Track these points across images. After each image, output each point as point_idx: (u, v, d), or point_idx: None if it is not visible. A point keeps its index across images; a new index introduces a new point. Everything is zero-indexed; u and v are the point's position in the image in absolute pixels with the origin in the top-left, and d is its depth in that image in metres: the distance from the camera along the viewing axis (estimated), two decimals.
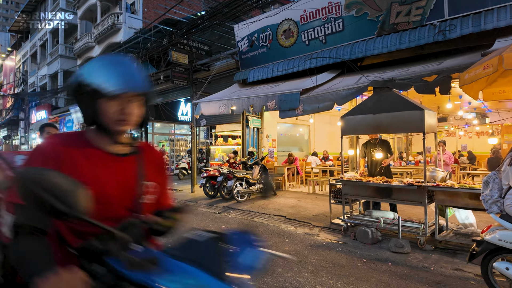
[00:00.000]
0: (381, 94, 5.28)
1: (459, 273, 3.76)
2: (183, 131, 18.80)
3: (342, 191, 5.50)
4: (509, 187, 2.93)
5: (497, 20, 5.74)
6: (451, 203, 4.45)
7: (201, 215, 7.10)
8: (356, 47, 7.54)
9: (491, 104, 11.23)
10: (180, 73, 10.76)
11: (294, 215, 6.74)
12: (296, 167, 10.93)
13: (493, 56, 3.59)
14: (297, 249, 4.67)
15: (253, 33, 9.85)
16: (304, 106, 6.69)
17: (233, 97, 8.30)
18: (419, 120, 4.70)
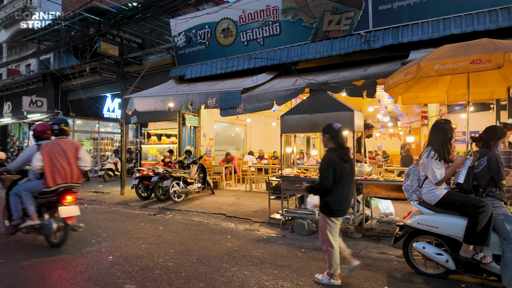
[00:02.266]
0: (316, 96, 5.65)
1: (384, 256, 4.24)
2: (108, 129, 17.47)
3: (281, 187, 5.73)
4: (426, 178, 3.41)
5: (411, 34, 6.61)
6: (376, 195, 4.98)
7: (134, 218, 6.69)
8: (292, 51, 7.93)
9: (403, 109, 12.85)
10: (109, 65, 10.00)
11: (234, 213, 6.79)
12: (234, 166, 11.01)
13: (412, 65, 4.12)
14: (239, 244, 4.72)
15: (190, 29, 9.64)
16: (245, 105, 6.79)
17: (171, 93, 8.00)
18: (350, 120, 5.16)
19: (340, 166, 3.18)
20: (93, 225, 6.02)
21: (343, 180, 3.20)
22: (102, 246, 4.61)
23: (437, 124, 3.50)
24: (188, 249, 4.50)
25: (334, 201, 3.20)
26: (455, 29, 6.24)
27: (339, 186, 3.17)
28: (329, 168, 3.14)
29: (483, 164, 3.07)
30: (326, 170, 3.14)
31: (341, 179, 3.17)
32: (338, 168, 3.15)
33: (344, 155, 3.27)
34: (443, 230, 3.26)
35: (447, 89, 5.46)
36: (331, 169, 3.14)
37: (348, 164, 3.32)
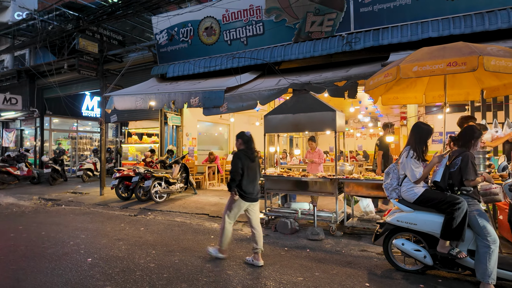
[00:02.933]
0: (299, 96, 5.71)
1: (365, 253, 4.32)
2: (87, 128, 17.00)
3: (265, 186, 5.74)
4: (405, 176, 3.50)
5: (391, 37, 6.77)
6: (357, 193, 5.08)
7: (114, 219, 6.54)
8: (276, 51, 7.96)
9: (382, 110, 13.17)
10: (88, 62, 9.72)
11: (217, 212, 6.75)
12: (217, 165, 10.95)
13: (392, 66, 4.23)
14: None
15: (173, 26, 9.51)
16: (228, 104, 6.76)
17: (152, 92, 7.86)
18: (331, 120, 5.25)
19: (247, 163, 3.93)
20: (71, 226, 5.84)
21: (249, 174, 3.95)
22: (80, 248, 4.47)
23: (417, 125, 3.61)
24: (170, 250, 4.44)
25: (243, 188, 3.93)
26: (432, 32, 6.43)
27: (247, 177, 3.93)
28: (237, 163, 3.90)
29: (457, 163, 3.18)
30: (235, 165, 3.90)
31: (247, 173, 3.93)
32: (245, 165, 3.91)
33: (251, 155, 4.02)
34: (421, 227, 3.36)
35: (425, 90, 5.64)
36: (239, 161, 3.89)
37: (255, 163, 4.05)
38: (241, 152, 4.00)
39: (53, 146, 14.93)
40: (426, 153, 3.55)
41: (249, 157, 3.98)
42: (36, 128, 14.40)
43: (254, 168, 4.03)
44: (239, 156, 3.95)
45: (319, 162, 7.02)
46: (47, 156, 13.49)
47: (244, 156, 3.95)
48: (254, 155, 4.05)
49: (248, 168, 3.92)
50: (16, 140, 15.36)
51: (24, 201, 8.86)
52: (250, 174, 3.95)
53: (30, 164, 12.54)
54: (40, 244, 4.66)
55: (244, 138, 4.07)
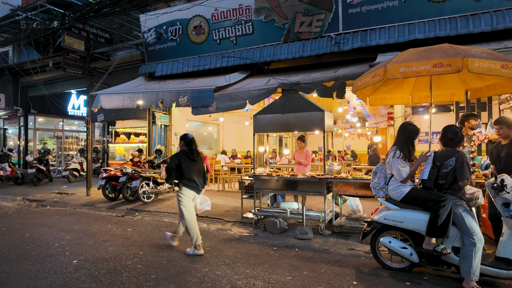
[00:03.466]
0: (288, 96, 5.73)
1: (353, 252, 4.37)
2: (73, 127, 16.70)
3: (254, 186, 5.74)
4: (392, 175, 3.55)
5: (379, 38, 6.86)
6: (345, 192, 5.12)
7: (101, 219, 6.43)
8: (265, 51, 7.96)
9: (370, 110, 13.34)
10: (74, 60, 9.54)
11: (205, 213, 6.69)
12: (206, 165, 10.87)
13: (380, 67, 4.28)
14: (212, 244, 4.67)
15: (161, 25, 9.41)
16: (217, 103, 6.72)
17: (140, 91, 7.77)
18: (320, 120, 5.28)
19: (186, 161, 4.37)
20: (56, 228, 5.71)
21: (190, 171, 4.38)
22: (66, 250, 4.38)
23: (404, 125, 3.67)
24: (158, 250, 4.39)
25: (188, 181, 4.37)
26: (419, 34, 6.54)
27: (187, 174, 4.35)
28: (174, 159, 4.37)
29: (451, 164, 3.23)
30: (171, 162, 4.36)
31: (187, 171, 4.35)
32: (184, 163, 4.34)
33: (192, 155, 4.44)
34: (407, 225, 3.41)
35: (412, 91, 5.73)
36: (176, 160, 4.34)
37: (195, 162, 4.48)
38: (182, 153, 4.43)
39: (38, 145, 14.60)
40: (413, 153, 3.61)
41: (189, 157, 4.41)
42: (20, 127, 14.04)
43: (196, 166, 4.48)
44: (178, 156, 4.40)
45: (305, 163, 6.86)
46: (32, 156, 13.18)
47: (184, 156, 4.39)
48: (194, 155, 4.47)
49: (188, 166, 4.37)
50: None
51: (7, 202, 8.64)
52: (193, 170, 4.40)
53: (14, 164, 12.24)
54: (23, 246, 4.54)
55: (186, 140, 4.50)
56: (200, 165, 4.60)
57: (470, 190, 3.35)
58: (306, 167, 6.84)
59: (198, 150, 4.63)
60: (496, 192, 3.07)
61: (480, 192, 3.36)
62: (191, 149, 4.49)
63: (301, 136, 7.13)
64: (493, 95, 5.56)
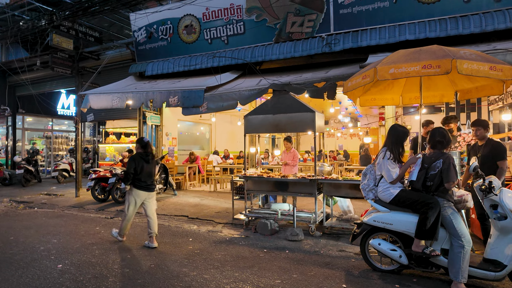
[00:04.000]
0: (279, 96, 5.70)
1: (343, 253, 4.35)
2: (63, 127, 16.45)
3: (245, 187, 5.69)
4: (381, 177, 3.54)
5: (370, 39, 6.87)
6: (335, 193, 5.11)
7: (89, 222, 6.32)
8: (257, 51, 7.92)
9: (362, 110, 13.39)
10: (62, 59, 9.38)
11: (196, 214, 6.65)
12: (198, 166, 10.81)
13: (370, 68, 4.27)
14: (201, 247, 4.62)
15: (152, 24, 9.30)
16: (208, 104, 6.66)
17: (129, 90, 7.66)
18: (311, 121, 5.26)
19: (141, 163, 4.76)
20: (42, 231, 5.60)
21: (145, 171, 4.79)
22: (51, 254, 4.28)
23: (393, 127, 3.66)
24: (146, 254, 4.32)
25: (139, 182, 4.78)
26: (409, 35, 6.57)
27: (141, 175, 4.76)
28: (132, 164, 4.73)
29: (439, 166, 3.23)
30: (129, 164, 4.76)
31: (141, 171, 4.75)
32: (139, 164, 4.74)
33: (146, 157, 4.85)
34: (396, 227, 3.40)
35: (402, 92, 5.74)
36: (133, 163, 4.72)
37: (149, 163, 4.87)
38: (137, 155, 4.86)
39: (27, 145, 14.34)
40: (403, 154, 3.61)
41: (144, 159, 4.84)
42: (8, 127, 13.76)
43: (149, 167, 4.90)
44: (134, 158, 4.81)
45: (292, 164, 6.74)
46: (20, 156, 12.94)
47: (140, 158, 4.81)
48: (149, 157, 4.89)
49: (143, 167, 4.78)
50: None
51: None
52: (146, 171, 4.82)
53: (1, 165, 12.00)
54: (7, 250, 4.43)
55: (142, 143, 4.95)
56: (153, 166, 5.03)
57: (459, 193, 3.36)
58: (293, 167, 6.79)
59: (153, 152, 5.06)
60: (484, 194, 3.07)
61: (469, 195, 3.36)
62: (146, 151, 4.91)
63: (287, 137, 7.07)
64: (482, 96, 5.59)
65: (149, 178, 4.88)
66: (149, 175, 4.87)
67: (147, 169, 4.84)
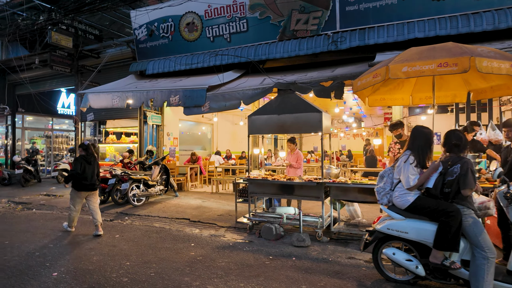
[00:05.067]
0: (284, 96, 5.49)
1: (353, 261, 4.15)
2: (63, 126, 16.27)
3: (248, 190, 5.49)
4: (399, 181, 3.33)
5: (377, 37, 6.65)
6: (344, 197, 4.91)
7: (88, 224, 6.13)
8: (260, 49, 7.72)
9: (366, 110, 13.17)
10: (61, 57, 9.20)
11: (198, 217, 6.45)
12: (199, 166, 10.61)
13: (381, 67, 4.06)
14: (203, 253, 4.42)
15: (152, 21, 9.10)
16: (210, 103, 6.47)
17: (130, 89, 7.47)
18: (318, 122, 5.05)
19: (84, 164, 5.38)
20: (39, 234, 5.41)
21: (87, 172, 5.40)
22: (46, 260, 4.09)
23: (417, 129, 3.42)
24: (146, 260, 4.12)
25: (80, 183, 5.38)
26: (418, 33, 6.36)
27: (83, 175, 5.37)
28: (77, 165, 5.34)
29: (457, 171, 3.01)
30: (75, 165, 5.39)
31: (86, 171, 5.38)
32: (83, 166, 5.36)
33: (89, 159, 5.47)
34: (413, 236, 3.19)
35: (412, 92, 5.53)
36: (79, 164, 5.34)
37: (91, 164, 5.48)
38: (80, 157, 5.45)
39: (26, 145, 14.17)
40: (431, 158, 3.36)
41: (87, 160, 5.43)
42: (7, 126, 13.59)
43: (91, 168, 5.48)
44: (78, 160, 5.42)
45: (296, 166, 6.47)
46: (19, 156, 12.75)
47: (83, 160, 5.41)
48: (91, 159, 5.49)
49: (85, 168, 5.38)
50: None
51: None
52: (88, 172, 5.40)
53: (1, 165, 11.83)
54: (1, 256, 4.24)
55: (83, 147, 5.56)
56: (95, 167, 5.58)
57: (480, 199, 3.14)
58: (297, 169, 6.56)
59: (94, 154, 5.64)
60: (509, 201, 2.86)
61: (491, 201, 3.14)
62: (88, 153, 5.50)
63: (291, 138, 6.85)
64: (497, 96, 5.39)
65: (91, 178, 5.46)
66: (91, 174, 5.47)
67: (90, 170, 5.44)
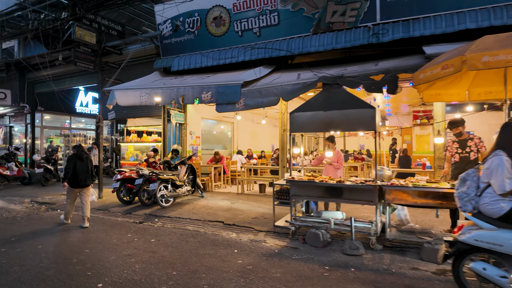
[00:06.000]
0: (330, 91, 5.10)
1: (419, 273, 3.75)
2: (80, 125, 16.20)
3: (290, 192, 5.12)
4: (488, 185, 2.92)
5: (423, 28, 6.20)
6: (401, 202, 4.49)
7: (119, 227, 5.86)
8: (293, 43, 7.33)
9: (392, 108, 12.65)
10: (85, 54, 8.94)
11: (232, 220, 6.11)
12: (223, 166, 10.28)
13: (453, 57, 3.65)
14: (251, 261, 4.07)
15: (178, 16, 8.80)
16: (246, 100, 6.11)
17: (158, 86, 7.16)
18: (371, 119, 4.65)
19: (76, 162, 5.85)
20: (71, 238, 5.14)
21: (80, 169, 5.88)
22: (86, 268, 3.79)
23: (509, 125, 3.02)
24: (193, 269, 3.79)
25: (73, 180, 5.87)
26: (470, 23, 5.89)
27: (76, 172, 5.85)
28: (70, 164, 5.81)
29: None
30: (68, 165, 5.81)
31: (79, 169, 5.86)
32: (76, 164, 5.84)
33: (81, 157, 5.93)
34: (510, 249, 2.77)
35: (469, 86, 5.09)
36: (71, 164, 5.81)
37: (84, 162, 5.95)
38: (73, 155, 5.93)
39: (44, 144, 14.07)
40: None
41: (79, 158, 5.91)
42: (27, 125, 13.50)
43: (84, 165, 5.95)
44: (71, 158, 5.89)
45: (338, 166, 6.11)
46: (39, 155, 12.63)
47: (75, 158, 5.89)
48: (83, 157, 5.95)
49: (78, 165, 5.86)
50: (4, 137, 14.44)
51: (15, 204, 8.09)
52: (80, 169, 5.88)
53: (21, 164, 11.70)
54: (37, 263, 3.96)
55: (75, 147, 6.07)
56: (88, 163, 6.03)
57: None
58: (338, 170, 6.18)
59: (86, 152, 6.13)
60: None
61: None
62: (80, 152, 5.98)
63: (330, 137, 6.44)
64: None
65: (84, 174, 5.93)
66: (85, 171, 5.94)
67: (82, 167, 5.90)
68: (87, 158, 6.01)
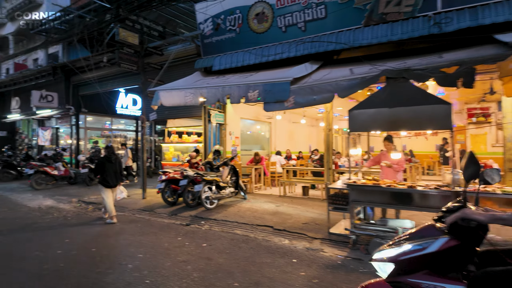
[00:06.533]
0: (395, 86, 4.64)
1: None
2: (120, 126, 16.63)
3: (350, 197, 4.72)
4: None
5: (495, 15, 5.54)
6: None
7: (167, 229, 5.73)
8: (342, 36, 6.88)
9: None
10: (128, 55, 9.01)
11: (281, 225, 5.79)
12: (263, 167, 10.01)
13: None
14: (316, 274, 3.72)
15: (219, 14, 8.61)
16: (296, 98, 5.76)
17: (203, 86, 7.00)
18: (446, 116, 4.15)
19: (106, 164, 6.19)
20: (122, 240, 5.06)
21: (109, 171, 6.19)
22: (143, 275, 3.63)
23: None
24: (255, 281, 3.51)
25: (105, 180, 6.19)
26: None
27: (107, 173, 6.18)
28: (101, 165, 6.20)
29: None
30: (99, 167, 6.22)
31: (109, 171, 6.19)
32: (106, 165, 6.19)
33: (110, 159, 6.26)
34: None
35: None
36: (102, 166, 6.19)
37: (113, 163, 6.26)
38: (104, 158, 6.32)
39: (87, 144, 14.55)
40: None
41: (108, 160, 6.24)
42: (72, 126, 14.01)
43: (113, 166, 6.25)
44: (102, 160, 6.28)
45: (397, 169, 5.58)
46: (84, 155, 13.03)
47: (106, 160, 6.24)
48: (112, 159, 6.26)
49: (108, 167, 6.19)
50: (51, 138, 15.09)
51: (64, 204, 8.29)
52: (110, 171, 6.20)
53: (67, 164, 12.12)
54: (94, 268, 3.86)
55: (106, 149, 6.50)
56: (116, 165, 6.33)
57: None
58: (397, 173, 5.66)
59: (115, 153, 6.48)
60: None
61: None
62: (110, 154, 6.32)
63: (388, 136, 5.94)
64: None
65: (113, 176, 6.22)
66: (114, 172, 6.24)
67: (112, 168, 6.21)
68: (116, 159, 6.32)
